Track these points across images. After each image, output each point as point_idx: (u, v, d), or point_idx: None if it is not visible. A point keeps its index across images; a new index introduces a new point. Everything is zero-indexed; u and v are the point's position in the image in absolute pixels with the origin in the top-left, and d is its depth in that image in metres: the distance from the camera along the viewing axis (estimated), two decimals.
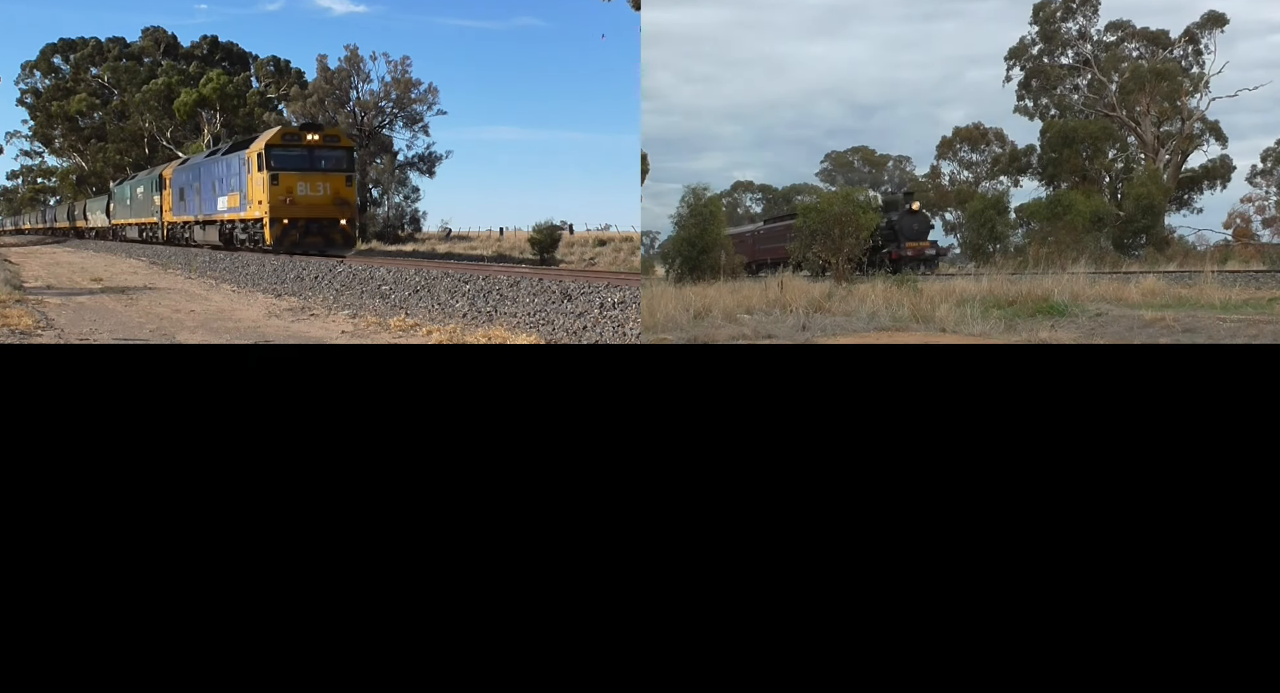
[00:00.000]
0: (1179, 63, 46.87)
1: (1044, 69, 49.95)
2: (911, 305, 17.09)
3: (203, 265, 30.15)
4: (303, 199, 31.04)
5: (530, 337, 14.57)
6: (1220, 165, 48.02)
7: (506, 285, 17.19)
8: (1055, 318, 15.65)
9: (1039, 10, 49.48)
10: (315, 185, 31.36)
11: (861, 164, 70.03)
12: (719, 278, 29.30)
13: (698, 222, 31.97)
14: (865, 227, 28.64)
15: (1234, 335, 13.04)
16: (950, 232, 54.73)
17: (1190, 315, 14.81)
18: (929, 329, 15.27)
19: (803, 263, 30.90)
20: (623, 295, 14.75)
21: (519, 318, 15.35)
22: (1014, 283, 19.98)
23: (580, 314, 14.68)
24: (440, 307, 17.24)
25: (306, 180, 31.30)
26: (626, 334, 13.88)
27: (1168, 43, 47.62)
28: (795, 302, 18.45)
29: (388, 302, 18.61)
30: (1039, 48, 49.96)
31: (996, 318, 15.60)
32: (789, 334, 15.31)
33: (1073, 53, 49.69)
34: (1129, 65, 47.41)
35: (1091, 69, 48.60)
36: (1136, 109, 46.68)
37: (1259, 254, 38.83)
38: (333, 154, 32.03)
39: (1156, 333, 13.77)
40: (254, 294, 21.74)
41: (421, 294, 18.55)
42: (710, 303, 18.81)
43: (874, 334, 15.11)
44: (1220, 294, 17.33)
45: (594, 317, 14.45)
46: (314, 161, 31.64)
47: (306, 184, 31.29)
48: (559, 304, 15.37)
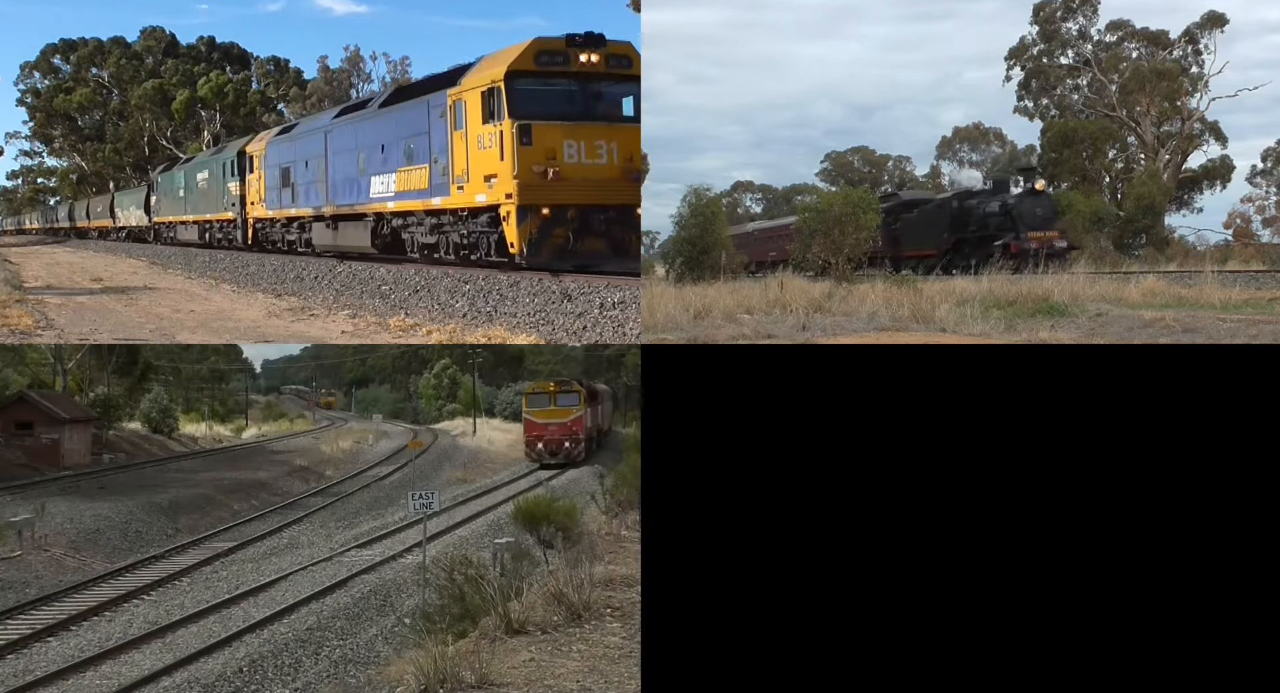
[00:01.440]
0: (1179, 63, 46.85)
1: (1044, 69, 49.92)
2: (911, 305, 17.08)
3: (202, 265, 30.14)
4: (575, 170, 17.48)
5: (530, 337, 14.58)
6: (1220, 165, 48.02)
7: (506, 285, 17.18)
8: (1055, 318, 15.64)
9: (1039, 10, 49.45)
10: (594, 145, 17.62)
11: (861, 164, 70.00)
12: (719, 278, 29.28)
13: (698, 222, 31.95)
14: (865, 227, 28.57)
15: (1234, 335, 13.03)
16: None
17: (1190, 315, 14.80)
18: (929, 329, 15.26)
19: (801, 263, 30.79)
20: (623, 295, 14.75)
21: (519, 318, 15.35)
22: (1014, 283, 19.97)
23: (580, 314, 14.67)
24: (440, 307, 17.23)
25: (579, 136, 17.56)
26: (626, 334, 13.88)
27: (1168, 43, 47.58)
28: (795, 302, 18.43)
29: (388, 302, 18.60)
30: (1039, 48, 49.96)
31: (996, 318, 15.59)
32: (789, 334, 15.30)
33: (1073, 53, 49.67)
34: (1129, 65, 47.37)
35: (1091, 69, 48.57)
36: (1136, 109, 46.64)
37: (1259, 254, 38.80)
38: (620, 91, 18.22)
39: (1156, 333, 13.76)
40: (254, 294, 21.73)
41: (421, 294, 18.54)
42: (710, 303, 18.80)
43: (874, 334, 15.10)
44: (1220, 294, 17.32)
45: (594, 317, 14.44)
46: (591, 103, 17.86)
47: (578, 145, 17.56)
48: (559, 304, 15.36)
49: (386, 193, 22.21)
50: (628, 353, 59.38)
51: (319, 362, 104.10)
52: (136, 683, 12.02)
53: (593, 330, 14.14)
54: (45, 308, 17.96)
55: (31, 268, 30.55)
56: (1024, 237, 28.47)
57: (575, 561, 13.13)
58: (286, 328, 16.39)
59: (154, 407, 45.29)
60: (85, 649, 13.56)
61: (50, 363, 42.34)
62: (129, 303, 19.46)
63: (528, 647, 9.00)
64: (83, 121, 71.93)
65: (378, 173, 22.63)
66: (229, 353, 72.96)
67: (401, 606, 15.72)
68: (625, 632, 9.55)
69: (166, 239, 43.98)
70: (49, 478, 28.81)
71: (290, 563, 19.23)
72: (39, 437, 32.29)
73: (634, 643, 9.10)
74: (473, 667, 8.05)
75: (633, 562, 13.55)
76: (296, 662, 12.99)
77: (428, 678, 7.85)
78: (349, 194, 24.35)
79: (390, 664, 11.58)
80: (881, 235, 36.53)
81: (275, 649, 13.31)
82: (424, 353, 75.96)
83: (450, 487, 29.49)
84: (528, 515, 16.41)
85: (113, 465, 33.98)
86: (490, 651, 8.76)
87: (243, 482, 31.28)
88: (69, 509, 22.67)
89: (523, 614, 9.80)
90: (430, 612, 12.03)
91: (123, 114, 69.27)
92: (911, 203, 37.98)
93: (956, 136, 61.83)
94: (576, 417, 34.26)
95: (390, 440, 49.32)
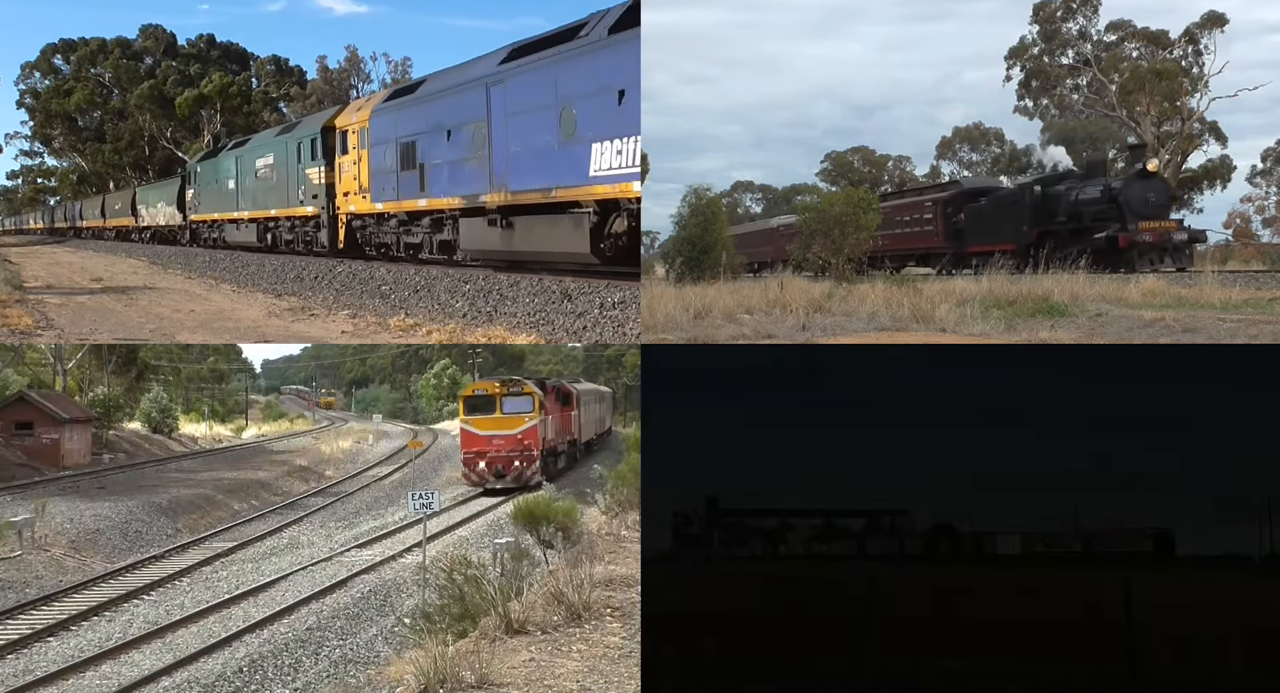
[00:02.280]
0: (1179, 63, 46.88)
1: (1044, 69, 49.96)
2: (911, 305, 17.08)
3: (202, 265, 30.15)
4: None
5: (530, 337, 14.58)
6: (1220, 165, 48.06)
7: (506, 285, 17.19)
8: (1055, 318, 15.63)
9: (1039, 10, 49.49)
10: None
11: (861, 164, 70.05)
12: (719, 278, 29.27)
13: (698, 221, 31.94)
14: (866, 227, 28.45)
15: (1234, 335, 13.02)
16: None
17: (1190, 315, 14.79)
18: (929, 329, 15.26)
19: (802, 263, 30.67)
20: (623, 295, 14.75)
21: (519, 318, 15.35)
22: (1014, 283, 19.97)
23: (580, 314, 14.67)
24: (440, 307, 17.24)
25: None
26: (626, 334, 13.88)
27: (1168, 43, 47.62)
28: (795, 302, 18.44)
29: (388, 302, 18.60)
30: (1039, 48, 49.99)
31: (996, 318, 15.59)
32: (789, 334, 15.30)
33: (1073, 53, 49.70)
34: (1129, 65, 47.41)
35: (1091, 69, 48.59)
36: (1136, 109, 46.66)
37: (1259, 254, 38.83)
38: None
39: (1156, 333, 13.75)
40: (254, 294, 21.73)
41: (421, 294, 18.55)
42: (710, 303, 18.80)
43: (874, 334, 15.10)
44: (1220, 294, 17.31)
45: (594, 317, 14.44)
46: None
47: None
48: (559, 304, 15.36)
49: (627, 167, 14.57)
50: (627, 353, 59.40)
51: (319, 362, 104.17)
52: (136, 683, 12.02)
53: (593, 330, 14.14)
54: (45, 308, 17.97)
55: (32, 268, 30.57)
56: (1134, 228, 24.09)
57: (575, 561, 13.14)
58: (286, 328, 16.39)
59: (154, 407, 45.27)
60: (85, 649, 13.56)
61: (50, 363, 42.34)
62: (129, 303, 19.47)
63: (528, 647, 9.00)
64: (83, 122, 71.96)
65: (606, 137, 14.88)
66: (229, 353, 72.95)
67: (401, 606, 15.71)
68: (625, 632, 9.55)
69: (207, 240, 37.20)
70: (49, 478, 28.80)
71: (290, 563, 19.23)
72: (39, 437, 32.29)
73: (634, 643, 9.10)
74: (473, 667, 8.06)
75: (633, 562, 13.55)
76: (296, 662, 12.99)
77: (428, 678, 7.85)
78: (540, 173, 16.61)
79: (390, 664, 11.59)
80: (939, 229, 33.55)
81: (275, 649, 13.31)
82: (424, 353, 76.03)
83: (450, 487, 29.46)
84: (528, 516, 16.41)
85: (113, 466, 33.97)
86: (490, 651, 8.76)
87: (243, 482, 31.28)
88: (69, 509, 22.67)
89: (523, 614, 9.80)
90: (430, 612, 12.03)
91: (123, 114, 69.28)
92: (978, 191, 33.84)
93: (956, 136, 61.84)
94: (529, 427, 27.03)
95: (390, 440, 49.34)
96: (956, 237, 32.57)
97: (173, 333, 15.99)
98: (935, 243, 33.68)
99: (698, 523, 15.56)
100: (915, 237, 35.23)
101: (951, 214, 32.92)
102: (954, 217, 32.84)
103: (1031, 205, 28.91)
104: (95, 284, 23.81)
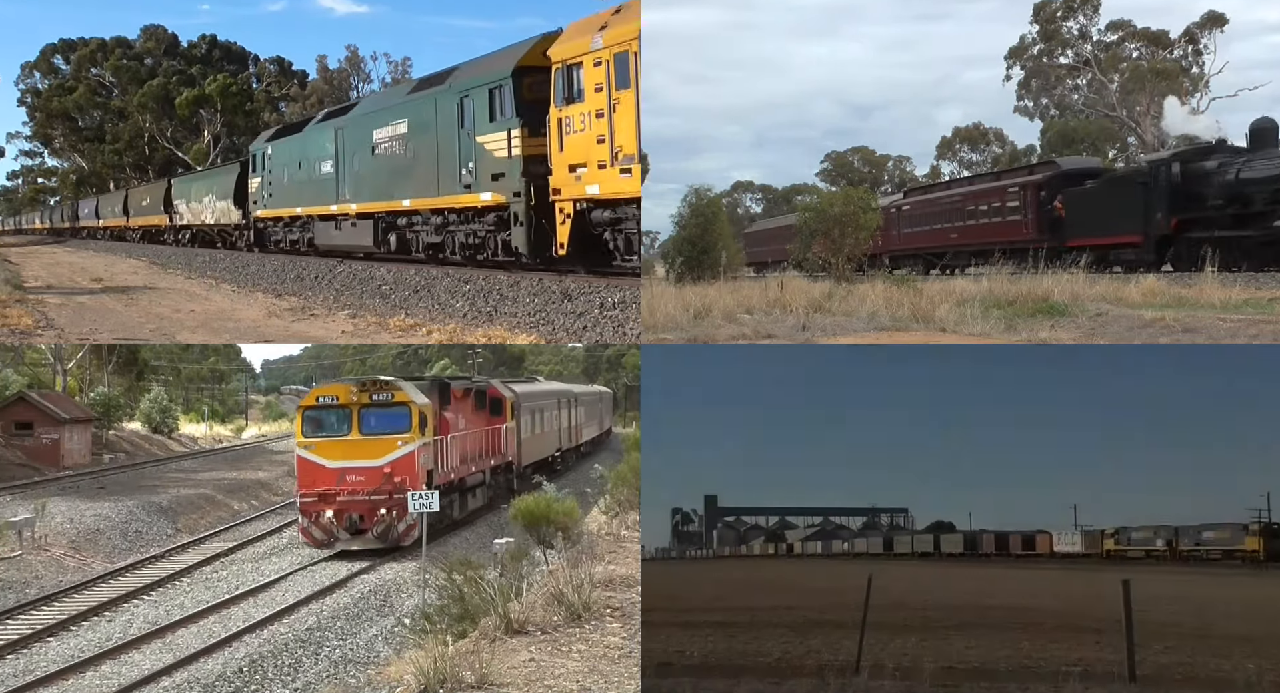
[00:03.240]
0: (1179, 63, 46.89)
1: (1044, 69, 49.96)
2: (911, 305, 17.07)
3: (202, 265, 30.15)
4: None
5: (530, 337, 14.58)
6: None
7: (506, 285, 17.19)
8: (1055, 318, 15.63)
9: (1039, 10, 49.51)
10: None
11: (861, 164, 70.09)
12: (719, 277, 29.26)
13: (699, 221, 31.95)
14: (866, 227, 28.38)
15: (1234, 335, 13.02)
16: None
17: (1190, 315, 14.78)
18: (929, 329, 15.26)
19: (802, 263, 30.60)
20: (623, 295, 14.75)
21: (519, 318, 15.35)
22: (1014, 283, 19.96)
23: (580, 314, 14.67)
24: (440, 307, 17.24)
25: None
26: (626, 334, 13.88)
27: (1168, 43, 47.64)
28: (795, 302, 18.43)
29: (388, 302, 18.60)
30: (1039, 48, 50.00)
31: (996, 318, 15.58)
32: (789, 334, 15.30)
33: (1073, 53, 49.71)
34: (1129, 65, 47.42)
35: (1091, 69, 48.57)
36: (1136, 109, 46.65)
37: None
38: None
39: (1156, 333, 13.76)
40: (254, 294, 21.73)
41: (421, 294, 18.55)
42: (710, 303, 18.80)
43: (874, 334, 15.10)
44: (1220, 294, 17.30)
45: (594, 317, 14.44)
46: None
47: None
48: (559, 304, 15.36)
49: None
50: (627, 353, 59.35)
51: (319, 362, 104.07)
52: (136, 683, 12.01)
53: (593, 330, 14.14)
54: (45, 308, 17.97)
55: (32, 268, 30.58)
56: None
57: (575, 561, 13.14)
58: (286, 328, 16.39)
59: (154, 407, 45.25)
60: (85, 649, 13.55)
61: (50, 363, 42.34)
62: (129, 303, 19.47)
63: (528, 647, 9.00)
64: (83, 121, 71.95)
65: None
66: (229, 353, 72.94)
67: (401, 606, 15.70)
68: (625, 632, 9.55)
69: (280, 244, 28.63)
70: (49, 478, 28.79)
71: (290, 563, 19.21)
72: (39, 437, 32.28)
73: (634, 643, 9.10)
74: (473, 667, 8.06)
75: (633, 562, 13.56)
76: (296, 662, 12.98)
77: (428, 678, 7.85)
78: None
79: (390, 665, 11.58)
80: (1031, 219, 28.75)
81: (275, 649, 13.30)
82: (424, 353, 75.96)
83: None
84: (528, 516, 16.39)
85: (113, 466, 33.97)
86: (490, 651, 8.76)
87: (243, 482, 31.26)
88: (69, 509, 22.66)
89: (523, 614, 9.81)
90: (430, 612, 12.02)
91: (123, 114, 69.28)
92: (1082, 172, 28.70)
93: (956, 136, 61.86)
94: (402, 454, 18.49)
95: None
96: (1053, 228, 27.76)
97: (173, 333, 15.99)
98: (1025, 235, 28.61)
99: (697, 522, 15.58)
100: (996, 228, 30.43)
101: (1045, 200, 28.09)
102: (1047, 205, 28.07)
103: (1167, 188, 23.42)
104: (95, 284, 23.81)
